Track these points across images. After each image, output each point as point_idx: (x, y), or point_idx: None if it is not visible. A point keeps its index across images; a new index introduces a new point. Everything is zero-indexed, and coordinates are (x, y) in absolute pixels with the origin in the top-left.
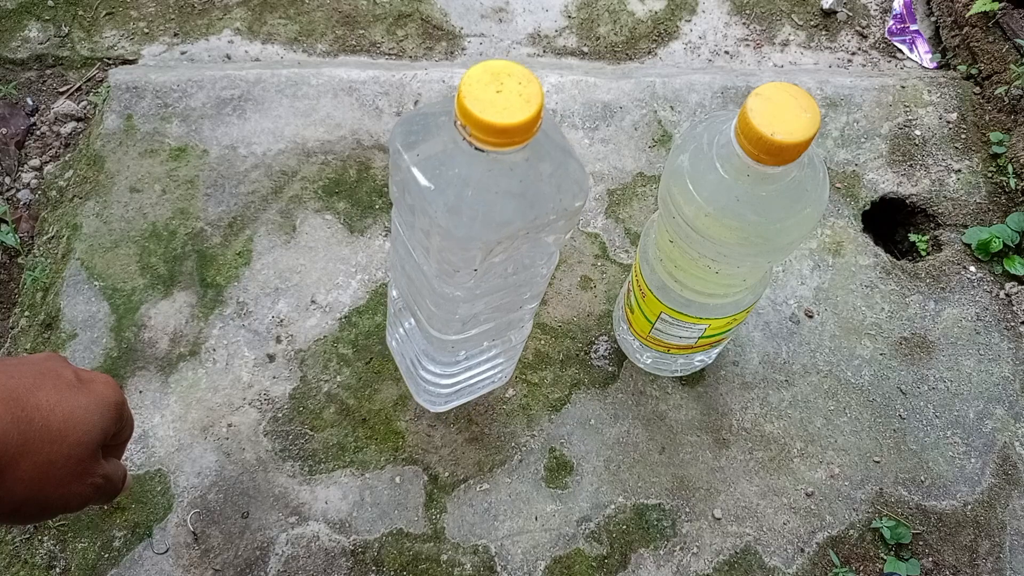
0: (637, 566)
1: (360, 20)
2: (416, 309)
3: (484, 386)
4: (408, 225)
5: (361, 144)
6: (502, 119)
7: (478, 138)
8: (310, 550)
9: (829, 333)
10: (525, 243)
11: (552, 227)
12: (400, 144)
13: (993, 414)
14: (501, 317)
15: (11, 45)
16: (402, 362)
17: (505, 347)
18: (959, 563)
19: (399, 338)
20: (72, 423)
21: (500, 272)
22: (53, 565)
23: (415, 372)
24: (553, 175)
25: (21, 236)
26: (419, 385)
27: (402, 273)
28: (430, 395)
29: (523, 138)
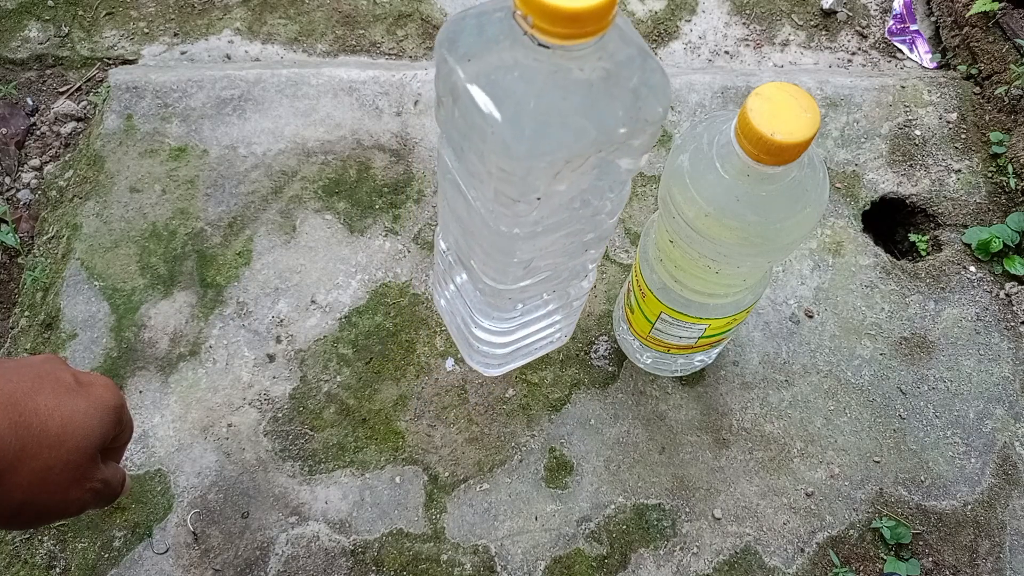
0: (637, 566)
1: (360, 20)
2: (469, 258)
3: (542, 346)
4: (458, 151)
5: (361, 144)
6: (573, 2)
7: (543, 29)
8: (310, 550)
9: (829, 333)
10: (595, 166)
11: (627, 145)
12: (447, 50)
13: (993, 414)
14: (562, 264)
15: (11, 45)
16: (452, 321)
17: (563, 301)
18: (959, 563)
19: (449, 296)
20: (71, 428)
21: (565, 204)
22: (53, 565)
23: (467, 332)
24: (629, 79)
25: (21, 236)
26: (472, 346)
27: (452, 217)
28: (484, 356)
29: (596, 28)
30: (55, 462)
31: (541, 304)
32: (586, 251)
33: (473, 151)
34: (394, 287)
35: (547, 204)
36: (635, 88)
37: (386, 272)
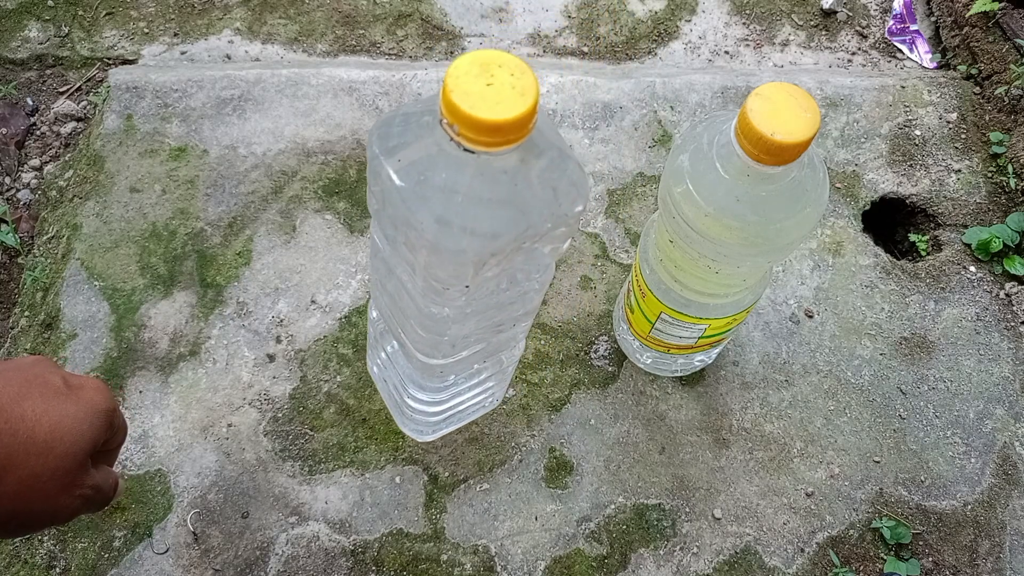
0: (637, 566)
1: (360, 20)
2: (400, 332)
3: (474, 411)
4: (390, 240)
5: (361, 144)
6: (495, 114)
7: (467, 137)
8: (310, 550)
9: (829, 333)
10: (520, 254)
11: (550, 236)
12: (378, 149)
13: (993, 414)
14: (492, 337)
15: (11, 45)
16: (384, 388)
17: (496, 369)
18: (959, 563)
19: (380, 363)
20: (59, 434)
21: (492, 288)
22: (53, 565)
23: (400, 400)
24: (550, 178)
25: (21, 236)
26: (404, 413)
27: (383, 292)
28: (416, 424)
29: (518, 136)
30: (43, 470)
31: (474, 373)
32: (515, 325)
33: (404, 241)
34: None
35: (476, 290)
36: (556, 186)
37: None
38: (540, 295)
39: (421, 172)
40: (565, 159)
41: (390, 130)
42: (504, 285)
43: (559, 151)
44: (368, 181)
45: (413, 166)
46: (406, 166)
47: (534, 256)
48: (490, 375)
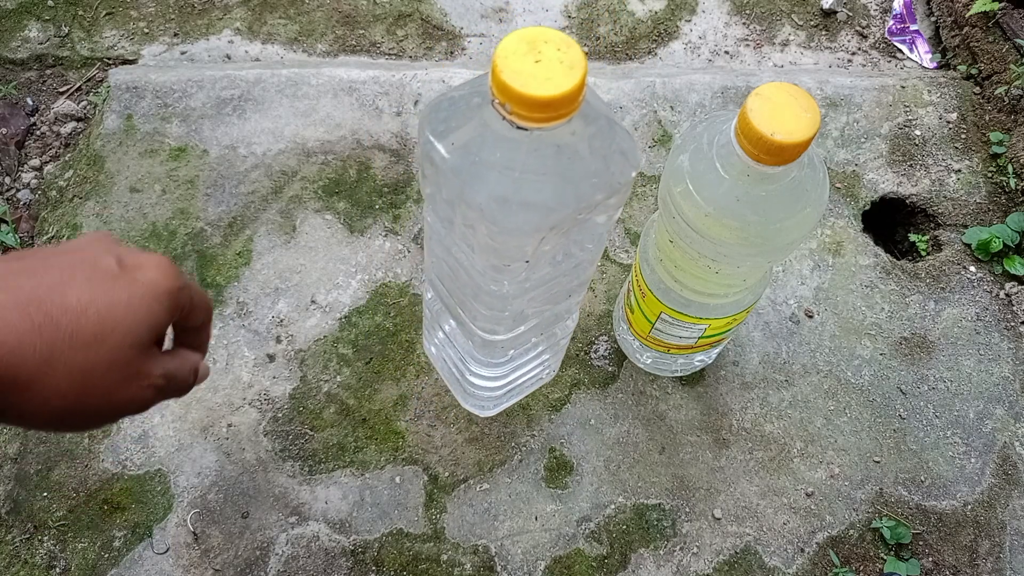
0: (637, 566)
1: (360, 20)
2: (460, 311)
3: (532, 384)
4: (446, 222)
5: (361, 144)
6: (547, 91)
7: (521, 115)
8: (310, 550)
9: (829, 333)
10: (576, 225)
11: (604, 205)
12: (431, 134)
13: (993, 414)
14: (549, 310)
15: (11, 45)
16: (444, 367)
17: (551, 342)
18: (959, 563)
19: (438, 343)
20: (110, 323)
21: (550, 261)
22: (53, 565)
23: (461, 378)
24: (600, 147)
25: (21, 236)
26: (466, 391)
27: (440, 273)
28: (479, 399)
29: (569, 110)
30: (95, 364)
31: (531, 347)
32: (569, 296)
33: (463, 222)
34: (394, 287)
35: (535, 264)
36: (606, 155)
37: (386, 272)
38: (594, 265)
39: (475, 152)
40: (613, 127)
41: (439, 113)
42: (560, 257)
43: (607, 119)
44: (420, 166)
45: (467, 147)
46: (460, 148)
47: (588, 227)
48: (546, 348)
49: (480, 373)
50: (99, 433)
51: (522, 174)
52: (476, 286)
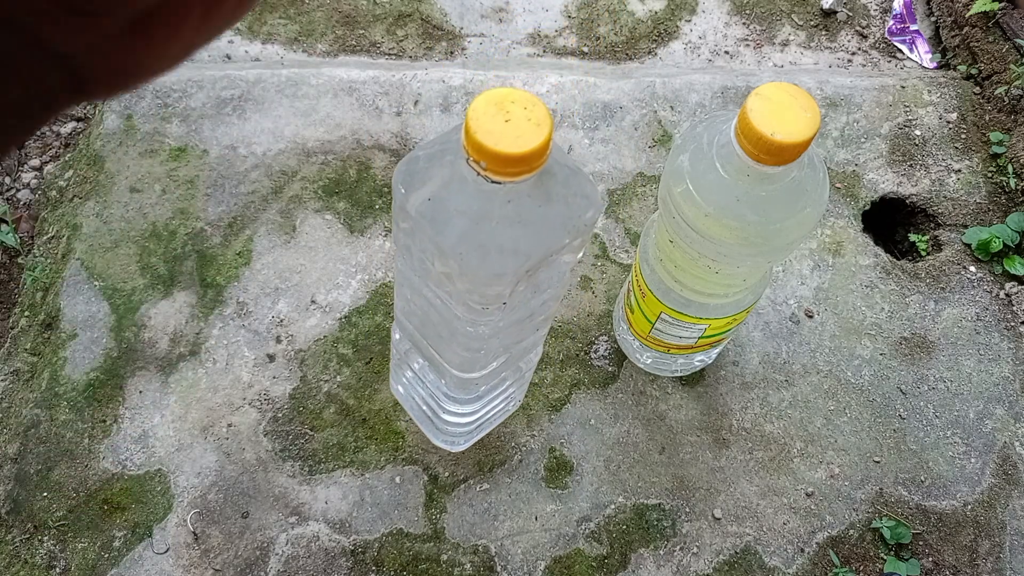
0: (637, 566)
1: (360, 20)
2: (433, 352)
3: (499, 416)
4: (422, 272)
5: (361, 144)
6: (518, 148)
7: (495, 171)
8: (310, 550)
9: (829, 333)
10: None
11: (571, 246)
12: (405, 190)
13: (993, 414)
14: (519, 344)
15: None
16: (413, 406)
17: (517, 375)
18: (959, 563)
19: (406, 382)
20: None
21: (523, 300)
22: (53, 565)
23: (433, 415)
24: (566, 193)
25: (21, 236)
26: (438, 428)
27: (411, 316)
28: (450, 435)
29: (540, 163)
30: None
31: (499, 382)
32: (537, 330)
33: (439, 271)
34: (394, 287)
35: (511, 305)
36: (570, 199)
37: (386, 272)
38: (559, 301)
39: (451, 205)
40: (575, 174)
41: (413, 169)
42: (528, 295)
43: (568, 168)
44: (395, 219)
45: (442, 201)
46: (436, 201)
47: (556, 266)
48: (512, 381)
49: (453, 410)
50: (99, 433)
51: (497, 223)
52: (452, 329)
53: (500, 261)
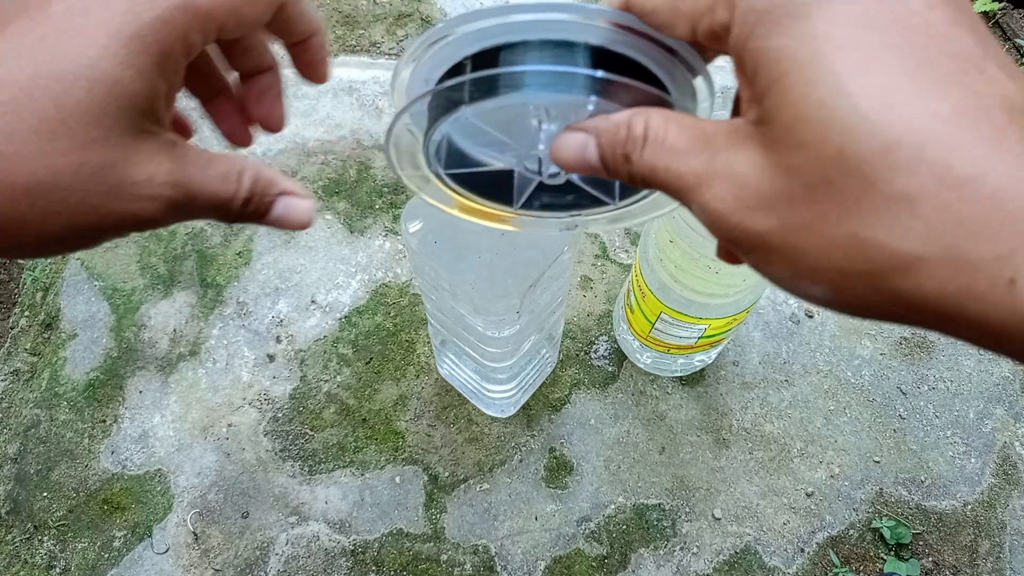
0: (637, 566)
1: (360, 20)
2: (468, 349)
3: (539, 377)
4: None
5: (361, 144)
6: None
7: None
8: (310, 550)
9: (829, 333)
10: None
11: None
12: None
13: (993, 414)
14: (539, 331)
15: None
16: (460, 384)
17: (550, 344)
18: (959, 563)
19: (448, 365)
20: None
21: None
22: (53, 565)
23: (478, 391)
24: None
25: None
26: (486, 401)
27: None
28: (500, 406)
29: None
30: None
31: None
32: (554, 313)
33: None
34: (394, 287)
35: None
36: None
37: (386, 272)
38: (568, 284)
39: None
40: None
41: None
42: (538, 295)
43: None
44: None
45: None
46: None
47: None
48: (547, 350)
49: (494, 389)
50: (99, 433)
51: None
52: (480, 334)
53: (503, 284)
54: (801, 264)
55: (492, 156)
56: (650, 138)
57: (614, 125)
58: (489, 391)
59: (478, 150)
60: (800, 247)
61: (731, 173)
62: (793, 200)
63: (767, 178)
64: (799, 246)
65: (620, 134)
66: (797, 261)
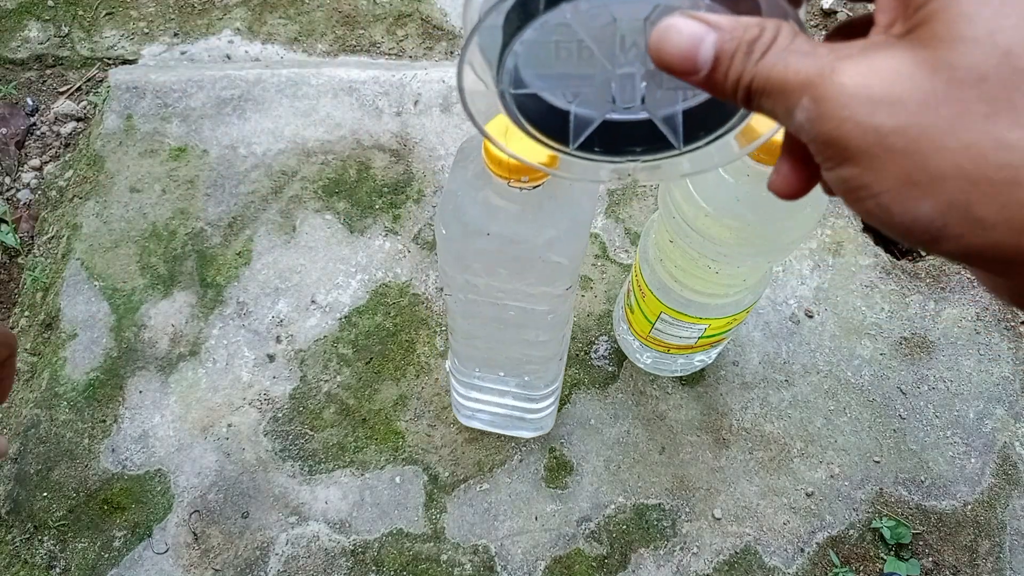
0: (637, 566)
1: (360, 20)
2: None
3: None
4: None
5: (361, 144)
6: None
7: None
8: (310, 550)
9: (829, 333)
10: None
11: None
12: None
13: (993, 414)
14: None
15: (11, 45)
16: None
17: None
18: (959, 563)
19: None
20: None
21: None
22: (53, 565)
23: (518, 419)
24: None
25: (21, 236)
26: (526, 424)
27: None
28: (539, 423)
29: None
30: None
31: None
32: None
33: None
34: (394, 287)
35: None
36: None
37: (386, 272)
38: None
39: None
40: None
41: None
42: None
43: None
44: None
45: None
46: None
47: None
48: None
49: (535, 406)
50: (99, 433)
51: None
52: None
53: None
54: (919, 171)
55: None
56: (778, 42)
57: (741, 24)
58: (530, 410)
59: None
60: (924, 150)
61: (859, 70)
62: (932, 97)
63: (905, 74)
64: (923, 149)
65: (749, 33)
66: (915, 167)
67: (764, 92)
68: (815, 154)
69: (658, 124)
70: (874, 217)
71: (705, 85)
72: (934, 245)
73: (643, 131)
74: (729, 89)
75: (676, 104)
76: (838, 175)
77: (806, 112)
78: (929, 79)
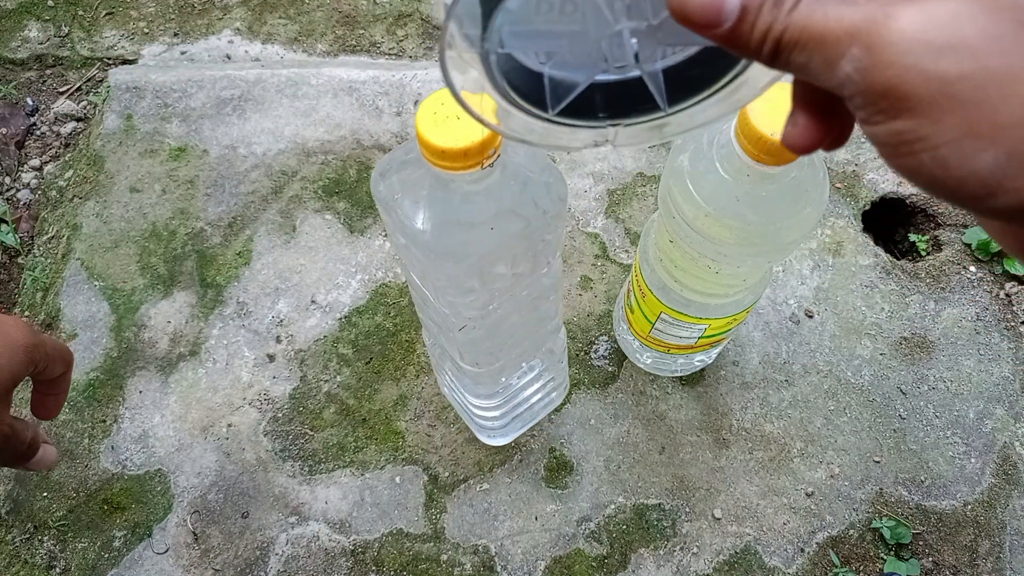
0: (637, 566)
1: (360, 20)
2: (449, 349)
3: (543, 408)
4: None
5: (361, 144)
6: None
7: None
8: (310, 550)
9: (829, 333)
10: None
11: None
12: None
13: (993, 414)
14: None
15: (11, 45)
16: (456, 403)
17: (550, 360)
18: (959, 563)
19: (446, 381)
20: None
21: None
22: (53, 565)
23: (467, 410)
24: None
25: (21, 236)
26: (474, 422)
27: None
28: (486, 430)
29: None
30: None
31: (525, 371)
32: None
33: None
34: (394, 287)
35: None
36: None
37: (386, 272)
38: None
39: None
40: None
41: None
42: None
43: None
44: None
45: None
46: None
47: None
48: (546, 366)
49: (477, 403)
50: (99, 433)
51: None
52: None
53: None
54: (984, 121)
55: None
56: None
57: None
58: (472, 407)
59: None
60: (989, 99)
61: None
62: (998, 42)
63: (966, 17)
64: (988, 97)
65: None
66: (981, 116)
67: (798, 44)
68: (859, 107)
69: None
70: (924, 173)
71: (726, 39)
72: (986, 200)
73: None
74: (755, 43)
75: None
76: (890, 128)
77: (856, 62)
78: (993, 22)
